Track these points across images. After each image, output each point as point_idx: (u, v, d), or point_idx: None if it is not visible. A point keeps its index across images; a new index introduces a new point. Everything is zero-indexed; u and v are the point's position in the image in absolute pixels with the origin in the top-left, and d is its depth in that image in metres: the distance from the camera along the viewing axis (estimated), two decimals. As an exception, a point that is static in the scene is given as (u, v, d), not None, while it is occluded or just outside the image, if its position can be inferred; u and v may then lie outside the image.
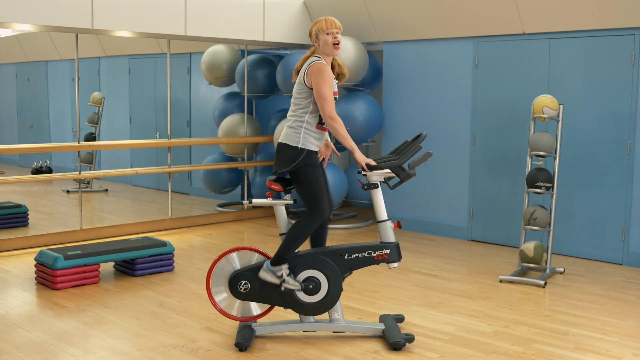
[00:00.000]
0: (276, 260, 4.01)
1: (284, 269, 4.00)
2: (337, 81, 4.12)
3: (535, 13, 6.33)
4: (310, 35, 4.06)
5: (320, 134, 4.02)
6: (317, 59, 3.98)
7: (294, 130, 3.97)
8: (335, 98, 4.01)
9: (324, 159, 4.20)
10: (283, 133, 4.04)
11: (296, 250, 4.05)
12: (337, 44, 3.99)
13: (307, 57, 4.04)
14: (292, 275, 4.03)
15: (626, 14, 5.81)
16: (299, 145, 3.94)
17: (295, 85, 4.04)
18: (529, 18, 6.39)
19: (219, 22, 7.31)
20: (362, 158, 3.99)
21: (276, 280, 4.00)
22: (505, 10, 6.48)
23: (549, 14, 6.25)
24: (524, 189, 5.76)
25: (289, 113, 4.06)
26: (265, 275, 4.01)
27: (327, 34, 3.97)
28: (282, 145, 4.01)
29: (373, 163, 4.01)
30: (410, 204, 7.55)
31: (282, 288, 4.02)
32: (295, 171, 3.96)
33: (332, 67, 4.08)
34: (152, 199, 9.22)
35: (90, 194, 9.27)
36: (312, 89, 3.92)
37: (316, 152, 4.01)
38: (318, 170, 4.00)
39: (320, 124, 4.00)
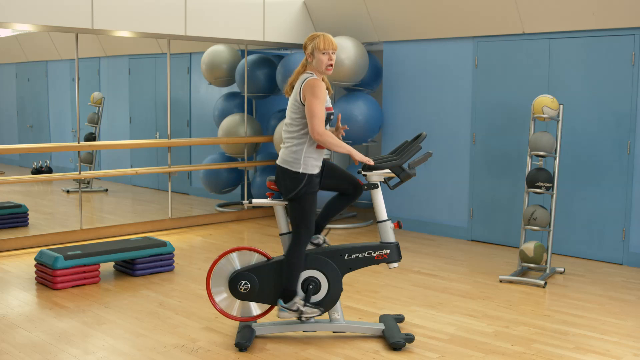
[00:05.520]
0: (286, 296, 3.97)
1: (298, 302, 3.97)
2: (329, 98, 4.00)
3: (535, 13, 6.33)
4: (304, 48, 3.94)
5: (320, 154, 3.94)
6: (310, 75, 3.88)
7: (293, 155, 3.88)
8: (331, 114, 3.94)
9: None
10: (282, 157, 3.94)
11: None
12: (331, 66, 3.89)
13: (300, 72, 3.94)
14: (308, 305, 3.99)
15: (626, 14, 5.81)
16: (300, 171, 3.87)
17: (289, 104, 3.93)
18: (529, 18, 6.38)
19: (219, 22, 7.30)
20: (362, 157, 3.95)
21: (295, 315, 3.98)
22: (505, 10, 6.48)
23: (549, 14, 6.25)
24: (524, 189, 5.76)
25: (286, 135, 3.94)
26: (283, 315, 3.98)
27: (324, 53, 3.86)
28: (282, 170, 3.92)
29: (372, 163, 3.99)
30: (410, 204, 7.55)
31: (303, 319, 4.02)
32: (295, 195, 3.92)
33: None
34: (152, 199, 9.22)
35: (90, 194, 9.27)
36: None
37: (317, 175, 3.93)
38: (315, 195, 3.94)
39: None
